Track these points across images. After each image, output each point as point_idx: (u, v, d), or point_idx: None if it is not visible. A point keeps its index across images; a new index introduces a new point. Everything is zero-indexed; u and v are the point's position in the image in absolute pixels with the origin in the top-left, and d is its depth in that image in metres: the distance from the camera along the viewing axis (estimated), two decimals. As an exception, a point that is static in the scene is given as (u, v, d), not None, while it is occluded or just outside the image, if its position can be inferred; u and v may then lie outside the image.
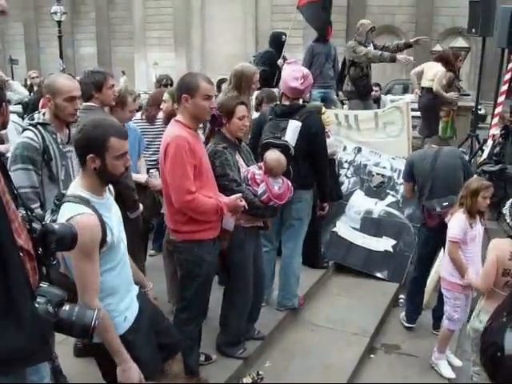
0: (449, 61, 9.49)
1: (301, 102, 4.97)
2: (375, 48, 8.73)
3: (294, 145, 4.62)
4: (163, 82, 7.12)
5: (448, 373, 4.86)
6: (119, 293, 2.79)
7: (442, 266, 5.09)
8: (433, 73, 9.77)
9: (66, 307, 2.12)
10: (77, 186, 2.68)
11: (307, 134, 4.71)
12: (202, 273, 3.69)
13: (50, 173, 3.44)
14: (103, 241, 2.59)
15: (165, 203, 3.75)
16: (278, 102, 5.08)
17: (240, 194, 3.83)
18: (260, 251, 4.53)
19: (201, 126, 4.95)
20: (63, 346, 3.79)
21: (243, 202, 3.81)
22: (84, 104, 4.03)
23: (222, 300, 4.38)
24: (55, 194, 3.34)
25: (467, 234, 4.69)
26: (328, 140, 6.01)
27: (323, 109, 6.23)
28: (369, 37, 8.70)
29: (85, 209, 2.55)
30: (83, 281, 2.55)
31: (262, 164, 4.25)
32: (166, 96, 5.32)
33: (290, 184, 4.28)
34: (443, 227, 4.88)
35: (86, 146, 2.62)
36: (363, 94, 8.87)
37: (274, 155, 4.25)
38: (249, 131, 4.77)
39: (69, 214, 2.52)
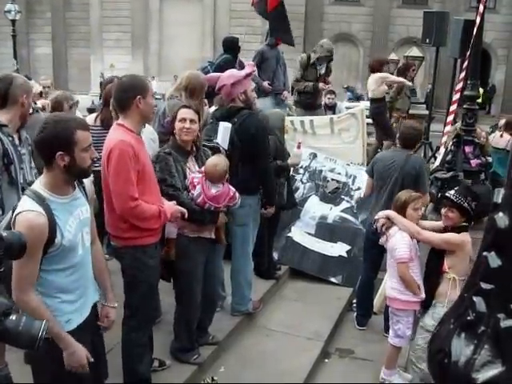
0: (374, 67, 9.88)
1: (241, 104, 4.83)
2: (319, 75, 8.84)
3: (226, 147, 4.57)
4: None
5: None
6: (68, 294, 2.74)
7: (388, 287, 4.76)
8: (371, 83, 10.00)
9: (13, 317, 2.05)
10: (39, 183, 2.64)
11: (245, 136, 4.66)
12: (146, 278, 3.64)
13: (10, 177, 3.32)
14: (50, 241, 2.54)
15: (106, 209, 3.62)
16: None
17: (174, 202, 3.76)
18: (215, 261, 4.49)
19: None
20: (13, 352, 3.67)
21: (181, 208, 3.73)
22: None
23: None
24: (15, 199, 3.19)
25: (412, 250, 4.51)
26: (297, 151, 6.01)
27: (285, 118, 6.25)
28: (321, 60, 8.75)
29: (36, 206, 2.50)
30: (17, 274, 2.51)
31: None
32: None
33: (231, 189, 4.17)
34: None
35: (53, 143, 2.52)
36: (307, 105, 9.00)
37: (212, 160, 4.11)
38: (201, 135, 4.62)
39: (20, 208, 2.51)
